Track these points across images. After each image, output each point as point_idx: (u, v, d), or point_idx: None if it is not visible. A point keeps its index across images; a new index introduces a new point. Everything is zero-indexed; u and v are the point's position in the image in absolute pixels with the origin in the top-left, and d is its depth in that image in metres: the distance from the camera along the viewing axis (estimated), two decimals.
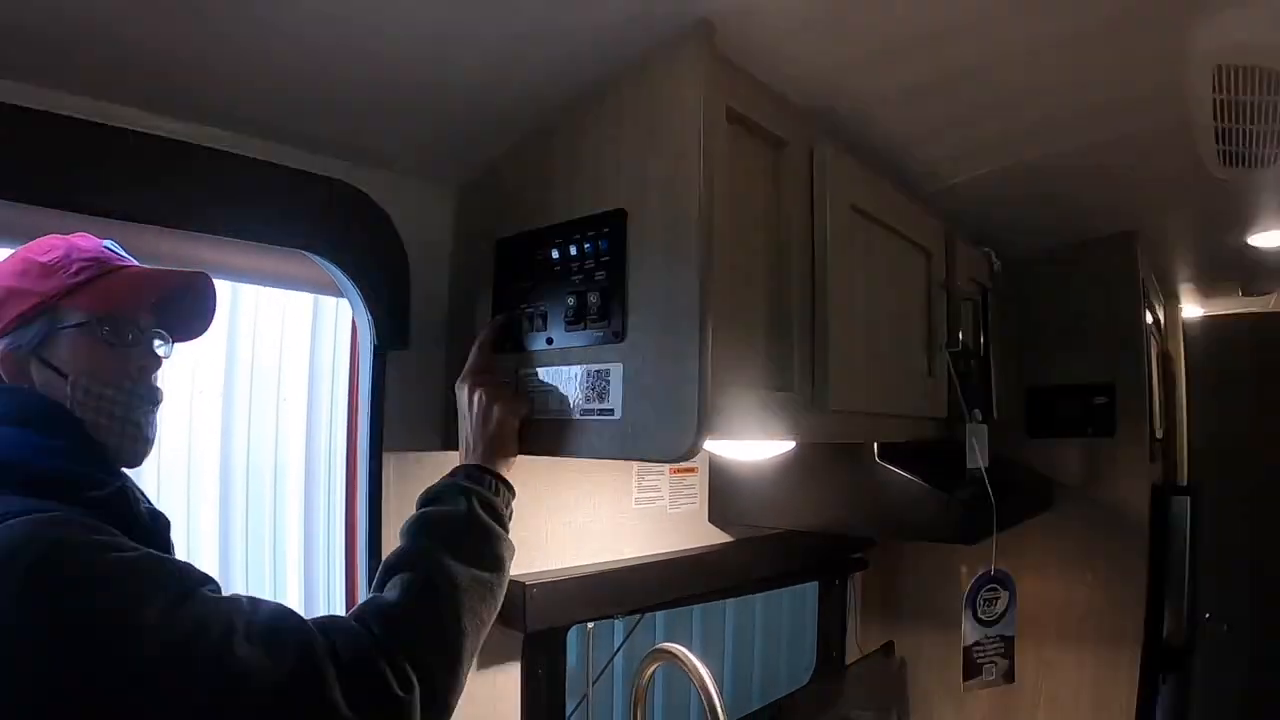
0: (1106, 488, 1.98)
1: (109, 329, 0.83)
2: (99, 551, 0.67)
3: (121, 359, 0.84)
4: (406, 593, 0.83)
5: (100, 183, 0.91)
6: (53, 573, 0.63)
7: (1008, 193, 1.68)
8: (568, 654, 1.40)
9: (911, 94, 1.25)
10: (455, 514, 0.92)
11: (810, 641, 2.17)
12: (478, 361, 1.09)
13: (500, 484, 0.99)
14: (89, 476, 0.77)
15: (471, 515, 0.92)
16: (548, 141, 1.11)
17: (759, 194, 1.10)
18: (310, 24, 0.88)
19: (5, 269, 0.83)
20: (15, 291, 0.81)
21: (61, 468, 0.75)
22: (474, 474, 0.98)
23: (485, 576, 0.89)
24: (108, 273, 0.84)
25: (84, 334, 0.82)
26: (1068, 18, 1.08)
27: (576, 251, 1.02)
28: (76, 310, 0.81)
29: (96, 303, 0.82)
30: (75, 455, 0.78)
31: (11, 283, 0.81)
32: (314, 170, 1.09)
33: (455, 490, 0.95)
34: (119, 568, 0.67)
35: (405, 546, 0.89)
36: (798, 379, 1.11)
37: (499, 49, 0.98)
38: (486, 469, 0.99)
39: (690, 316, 0.91)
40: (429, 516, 0.92)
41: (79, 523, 0.68)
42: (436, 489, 0.96)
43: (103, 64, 0.87)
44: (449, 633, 0.83)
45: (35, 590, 0.62)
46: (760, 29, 1.01)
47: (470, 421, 1.03)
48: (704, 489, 1.68)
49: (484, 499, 0.95)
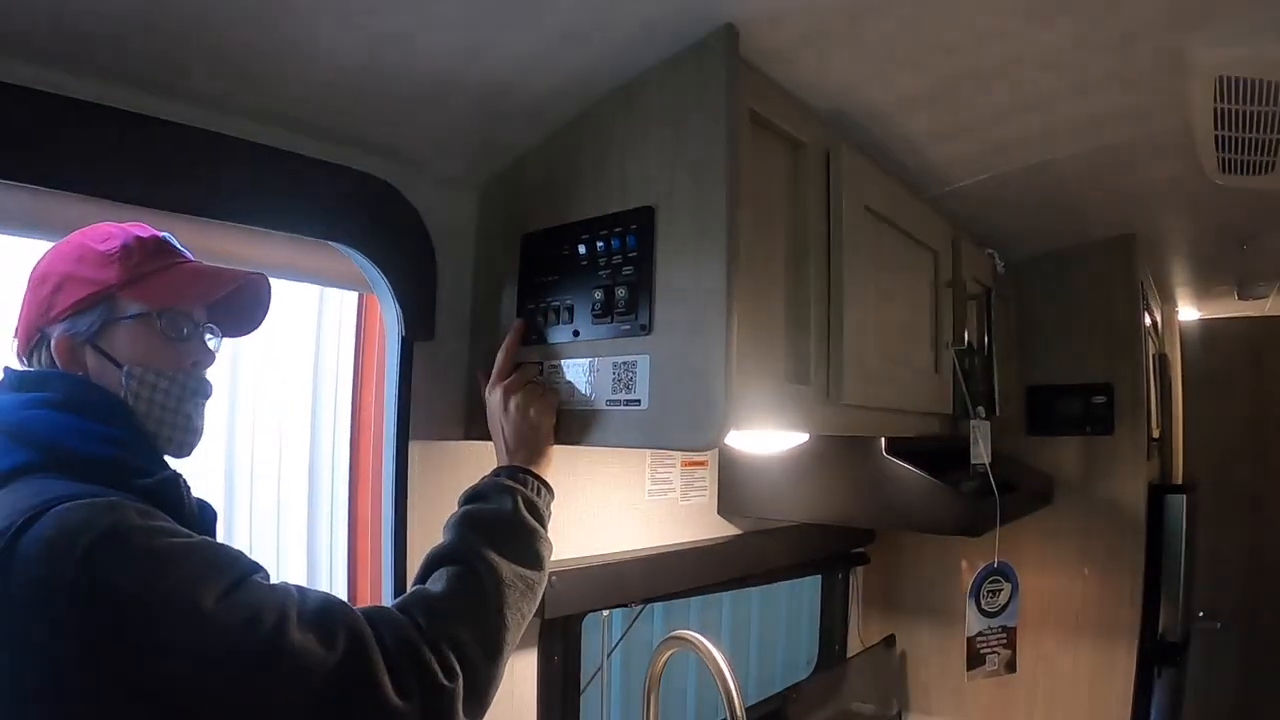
0: (1104, 485, 2.03)
1: (166, 322, 0.85)
2: (155, 536, 0.68)
3: (176, 352, 0.86)
4: (452, 585, 0.85)
5: (138, 172, 0.92)
6: (110, 556, 0.65)
7: (1012, 196, 1.72)
8: (582, 641, 1.43)
9: (923, 100, 1.29)
10: (501, 512, 0.94)
11: (809, 634, 2.21)
12: (506, 365, 1.12)
13: (541, 485, 1.01)
14: (139, 464, 0.78)
15: (516, 514, 0.95)
16: (575, 140, 1.14)
17: (779, 194, 1.14)
18: (346, 27, 0.91)
19: (63, 254, 0.84)
20: (73, 278, 0.82)
21: (112, 454, 0.77)
22: (517, 474, 1.00)
23: (528, 574, 0.91)
24: (169, 267, 0.86)
25: (141, 326, 0.83)
26: (1074, 28, 1.12)
27: (604, 246, 1.06)
28: (136, 302, 0.83)
29: (156, 297, 0.84)
30: (126, 443, 0.79)
31: (69, 269, 0.82)
32: (345, 164, 1.11)
33: (499, 489, 0.97)
34: (175, 552, 0.69)
35: (451, 540, 0.91)
36: (814, 372, 1.15)
37: (530, 52, 1.02)
38: (529, 470, 1.01)
39: (717, 310, 0.94)
40: (475, 514, 0.94)
41: (134, 508, 0.70)
42: (480, 488, 0.99)
43: (144, 57, 0.89)
44: (492, 625, 0.85)
45: (93, 574, 0.64)
46: (782, 36, 1.04)
47: (506, 425, 1.05)
48: (714, 482, 1.71)
49: (527, 499, 0.97)
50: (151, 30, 0.85)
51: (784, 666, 2.15)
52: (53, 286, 0.82)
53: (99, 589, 0.64)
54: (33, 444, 0.75)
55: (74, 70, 0.87)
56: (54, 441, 0.76)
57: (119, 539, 0.66)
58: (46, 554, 0.64)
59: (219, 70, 0.94)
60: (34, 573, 0.63)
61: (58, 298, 0.82)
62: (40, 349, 0.83)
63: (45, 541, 0.64)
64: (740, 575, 1.71)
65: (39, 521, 0.65)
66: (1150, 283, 2.42)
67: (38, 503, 0.67)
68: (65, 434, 0.76)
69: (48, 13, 0.80)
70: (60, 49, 0.85)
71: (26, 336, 0.84)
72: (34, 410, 0.78)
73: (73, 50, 0.85)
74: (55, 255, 0.84)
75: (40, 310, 0.82)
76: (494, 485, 0.98)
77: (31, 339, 0.84)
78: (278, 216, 1.05)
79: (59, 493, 0.69)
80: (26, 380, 0.81)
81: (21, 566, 0.64)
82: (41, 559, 0.64)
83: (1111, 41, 1.16)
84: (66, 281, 0.82)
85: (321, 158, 1.09)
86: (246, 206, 1.01)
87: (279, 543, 1.82)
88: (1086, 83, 1.29)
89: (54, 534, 0.64)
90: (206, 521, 0.84)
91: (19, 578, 0.64)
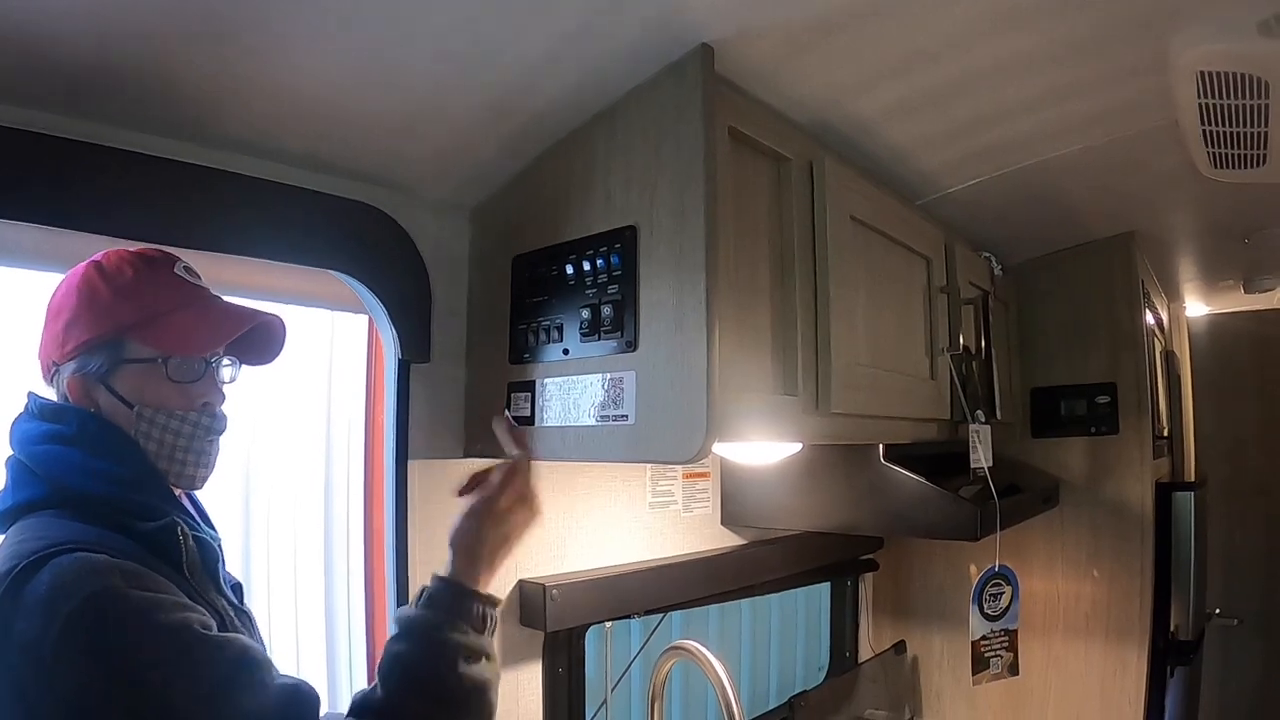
0: (1111, 485, 2.02)
1: (174, 367, 0.85)
2: (137, 613, 0.69)
3: (186, 394, 0.86)
4: None
5: (141, 210, 0.96)
6: (90, 622, 0.67)
7: (1005, 198, 1.73)
8: (586, 653, 1.45)
9: (906, 108, 1.30)
10: (437, 672, 0.82)
11: (824, 641, 2.22)
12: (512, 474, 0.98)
13: (486, 607, 0.89)
14: (142, 505, 0.80)
15: (454, 675, 0.82)
16: (561, 163, 1.17)
17: (762, 207, 1.16)
18: (335, 64, 0.95)
19: (73, 288, 0.84)
20: (82, 317, 0.83)
21: (115, 495, 0.79)
22: (459, 604, 0.87)
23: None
24: (179, 308, 0.86)
25: (150, 370, 0.84)
26: (1052, 30, 1.13)
27: (590, 266, 1.08)
28: (144, 346, 0.84)
29: (164, 342, 0.84)
30: (133, 483, 0.81)
31: (80, 306, 0.83)
32: (339, 194, 1.15)
33: (433, 636, 0.84)
34: (153, 632, 0.69)
35: (391, 699, 0.80)
36: (801, 383, 1.16)
37: (512, 79, 1.05)
38: (474, 593, 0.89)
39: (698, 325, 0.96)
40: (409, 667, 0.82)
41: (122, 571, 0.70)
42: (413, 622, 0.86)
43: (142, 99, 0.93)
44: None
45: (74, 635, 0.66)
46: (757, 53, 1.07)
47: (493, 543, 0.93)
48: (716, 493, 1.73)
49: (468, 648, 0.84)
50: (148, 76, 0.89)
51: (803, 671, 2.16)
52: (64, 323, 0.84)
53: (76, 651, 0.66)
54: (44, 479, 0.79)
55: (71, 112, 0.91)
56: (62, 479, 0.79)
57: (102, 606, 0.68)
58: (40, 608, 0.67)
59: (213, 109, 0.98)
60: (26, 625, 0.67)
61: (68, 335, 0.83)
62: (57, 379, 0.86)
63: (40, 599, 0.67)
64: (744, 585, 1.72)
65: (43, 569, 0.68)
66: (1153, 279, 2.41)
67: (43, 546, 0.70)
68: (73, 472, 0.79)
69: (55, 65, 0.84)
70: (63, 94, 0.89)
71: (45, 367, 0.87)
72: (47, 445, 0.81)
73: (77, 95, 0.89)
74: (68, 287, 0.86)
75: (54, 346, 0.85)
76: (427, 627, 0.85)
77: (49, 370, 0.86)
78: (273, 247, 1.08)
79: (55, 536, 0.72)
80: (46, 411, 0.84)
81: (23, 615, 0.67)
82: (36, 612, 0.67)
83: (1090, 43, 1.17)
84: (76, 320, 0.83)
85: (314, 188, 1.12)
86: (239, 239, 1.04)
87: (295, 562, 1.84)
88: (1070, 85, 1.30)
89: (46, 591, 0.67)
90: (209, 562, 0.85)
91: (19, 624, 0.67)
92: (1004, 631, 1.58)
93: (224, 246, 1.04)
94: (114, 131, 0.94)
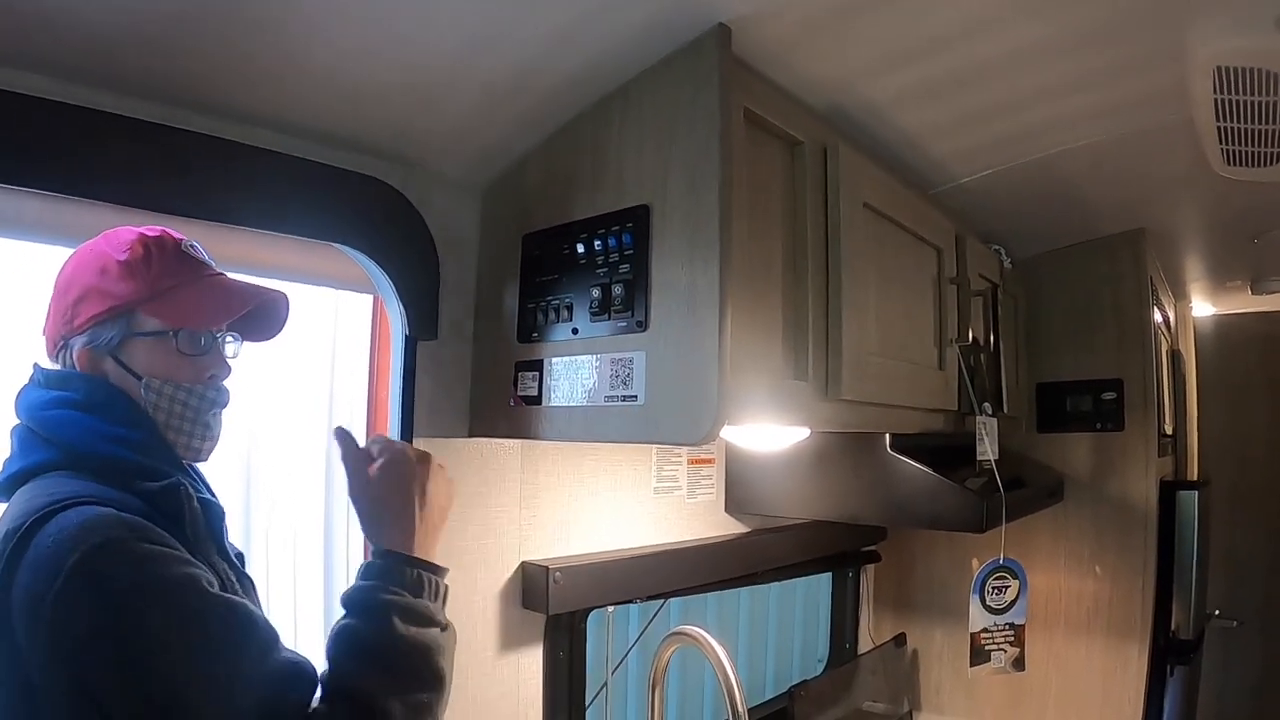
0: (1115, 482, 2.02)
1: (183, 339, 0.86)
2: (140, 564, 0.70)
3: (193, 366, 0.87)
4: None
5: (151, 179, 0.95)
6: (95, 571, 0.67)
7: (1015, 190, 1.72)
8: (587, 637, 1.44)
9: (920, 95, 1.29)
10: (372, 634, 0.81)
11: (824, 632, 2.21)
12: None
13: (422, 571, 0.86)
14: (146, 467, 0.81)
15: (390, 636, 0.80)
16: (574, 141, 1.16)
17: (776, 190, 1.15)
18: (350, 38, 0.94)
19: (86, 263, 0.85)
20: (94, 291, 0.84)
21: (120, 455, 0.80)
22: (389, 569, 0.85)
23: (422, 699, 0.81)
24: (188, 282, 0.87)
25: (159, 342, 0.85)
26: (1069, 21, 1.12)
27: (601, 245, 1.07)
28: (154, 319, 0.85)
29: (173, 315, 0.85)
30: (140, 445, 0.82)
31: (91, 281, 0.84)
32: (350, 168, 1.14)
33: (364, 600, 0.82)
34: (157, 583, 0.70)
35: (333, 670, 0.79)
36: (811, 368, 1.16)
37: (527, 56, 1.04)
38: (406, 557, 0.86)
39: (710, 307, 0.96)
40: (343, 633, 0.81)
41: (127, 524, 0.71)
42: (348, 593, 0.84)
43: (152, 68, 0.92)
44: None
45: (77, 585, 0.66)
46: (774, 34, 1.06)
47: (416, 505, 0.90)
48: (721, 479, 1.72)
49: (405, 609, 0.82)
50: (156, 46, 0.88)
51: (801, 662, 2.15)
52: (75, 297, 0.85)
53: (80, 602, 0.67)
54: (54, 442, 0.80)
55: (79, 80, 0.90)
56: (70, 442, 0.80)
57: (105, 558, 0.68)
58: (46, 561, 0.67)
59: (225, 80, 0.97)
60: (31, 578, 0.68)
61: (79, 309, 0.84)
62: (65, 353, 0.86)
63: (45, 550, 0.68)
64: (747, 573, 1.71)
65: (49, 523, 0.69)
66: (1161, 277, 2.41)
67: (49, 502, 0.71)
68: (83, 434, 0.80)
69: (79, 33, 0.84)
70: (71, 62, 0.88)
71: (52, 341, 0.87)
72: (57, 410, 0.82)
73: (87, 64, 0.89)
74: (78, 263, 0.87)
75: (63, 319, 0.85)
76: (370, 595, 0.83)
77: (57, 344, 0.87)
78: (282, 220, 1.07)
79: (61, 491, 0.73)
80: (52, 379, 0.85)
81: (28, 567, 0.68)
82: (41, 564, 0.67)
83: (1105, 34, 1.16)
84: (88, 294, 0.84)
85: (326, 162, 1.11)
86: (248, 210, 1.03)
87: (295, 540, 1.84)
88: (1084, 76, 1.29)
89: (51, 543, 0.68)
90: (213, 524, 0.86)
91: (24, 577, 0.68)
92: (1009, 626, 1.57)
93: (232, 218, 1.03)
94: (121, 100, 0.93)
